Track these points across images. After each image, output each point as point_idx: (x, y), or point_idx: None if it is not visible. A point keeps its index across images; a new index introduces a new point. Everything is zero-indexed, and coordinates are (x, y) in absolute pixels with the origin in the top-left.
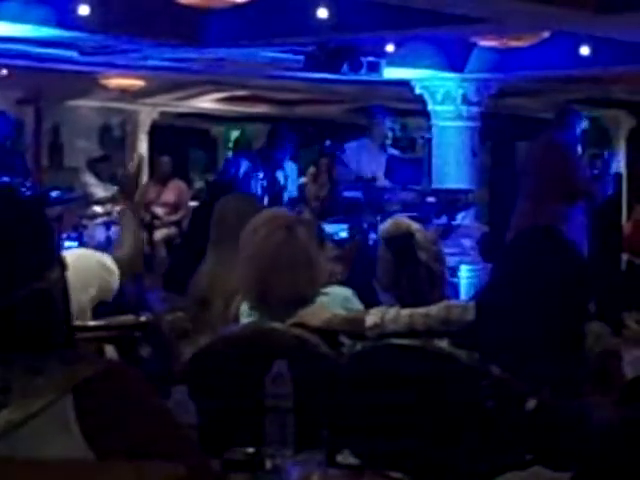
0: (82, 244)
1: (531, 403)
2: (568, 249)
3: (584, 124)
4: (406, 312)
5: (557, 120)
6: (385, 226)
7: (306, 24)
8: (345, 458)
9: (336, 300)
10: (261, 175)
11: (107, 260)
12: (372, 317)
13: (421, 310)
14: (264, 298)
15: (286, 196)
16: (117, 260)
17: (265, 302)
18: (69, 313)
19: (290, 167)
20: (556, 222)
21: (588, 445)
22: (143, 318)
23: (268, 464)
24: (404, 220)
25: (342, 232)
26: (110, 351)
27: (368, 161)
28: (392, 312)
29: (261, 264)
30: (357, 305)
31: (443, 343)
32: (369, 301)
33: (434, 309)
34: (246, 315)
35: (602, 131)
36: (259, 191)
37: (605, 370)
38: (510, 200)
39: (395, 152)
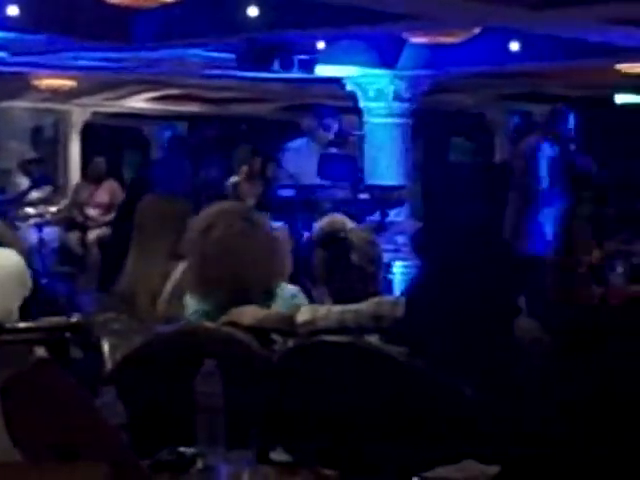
0: None
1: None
2: (498, 245)
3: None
4: (337, 309)
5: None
6: (320, 224)
7: (237, 22)
8: (279, 455)
9: (283, 298)
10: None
11: (20, 258)
12: (303, 314)
13: (352, 306)
14: (239, 291)
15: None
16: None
17: (240, 294)
18: None
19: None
20: None
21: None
22: (74, 319)
23: (199, 463)
24: (340, 219)
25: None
26: (40, 353)
27: (307, 162)
28: (323, 309)
29: (230, 259)
30: (304, 302)
31: (373, 339)
32: None
33: (365, 305)
34: (194, 306)
35: (535, 125)
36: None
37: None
38: (442, 196)
39: (333, 150)
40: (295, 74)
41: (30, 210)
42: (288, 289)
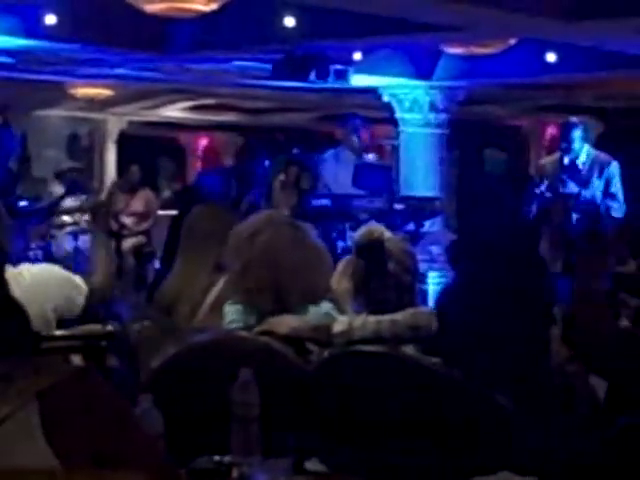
0: (50, 254)
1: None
2: (531, 253)
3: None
4: (373, 319)
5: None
6: (358, 233)
7: (273, 32)
8: (314, 465)
9: (317, 313)
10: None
11: (75, 278)
12: (339, 324)
13: (388, 317)
14: (281, 298)
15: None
16: (90, 285)
17: (282, 302)
18: (29, 320)
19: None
20: None
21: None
22: (110, 327)
23: (235, 472)
24: (378, 229)
25: None
26: (77, 361)
27: (344, 172)
28: (359, 319)
29: (275, 264)
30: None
31: (409, 349)
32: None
33: (401, 315)
34: (233, 315)
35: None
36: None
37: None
38: (477, 207)
39: (370, 159)
40: (331, 84)
41: (66, 218)
42: (323, 305)
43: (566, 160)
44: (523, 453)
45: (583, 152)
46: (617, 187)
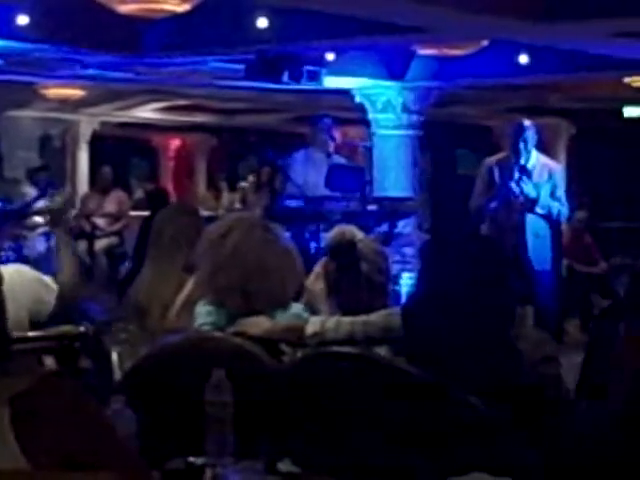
0: (22, 255)
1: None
2: (491, 252)
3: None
4: (346, 320)
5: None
6: (330, 234)
7: (246, 33)
8: (286, 466)
9: (287, 315)
10: None
11: (44, 278)
12: (312, 326)
13: (361, 318)
14: (249, 299)
15: None
16: (60, 284)
17: (251, 303)
18: (5, 326)
19: None
20: None
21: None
22: (82, 329)
23: (208, 473)
24: (349, 230)
25: None
26: (49, 362)
27: (315, 173)
28: (332, 321)
29: (244, 265)
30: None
31: (382, 351)
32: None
33: (374, 317)
34: (205, 316)
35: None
36: None
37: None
38: (451, 207)
39: (341, 160)
40: (304, 85)
41: (38, 219)
42: (293, 307)
43: (522, 161)
44: (496, 453)
45: (533, 155)
46: (562, 191)
